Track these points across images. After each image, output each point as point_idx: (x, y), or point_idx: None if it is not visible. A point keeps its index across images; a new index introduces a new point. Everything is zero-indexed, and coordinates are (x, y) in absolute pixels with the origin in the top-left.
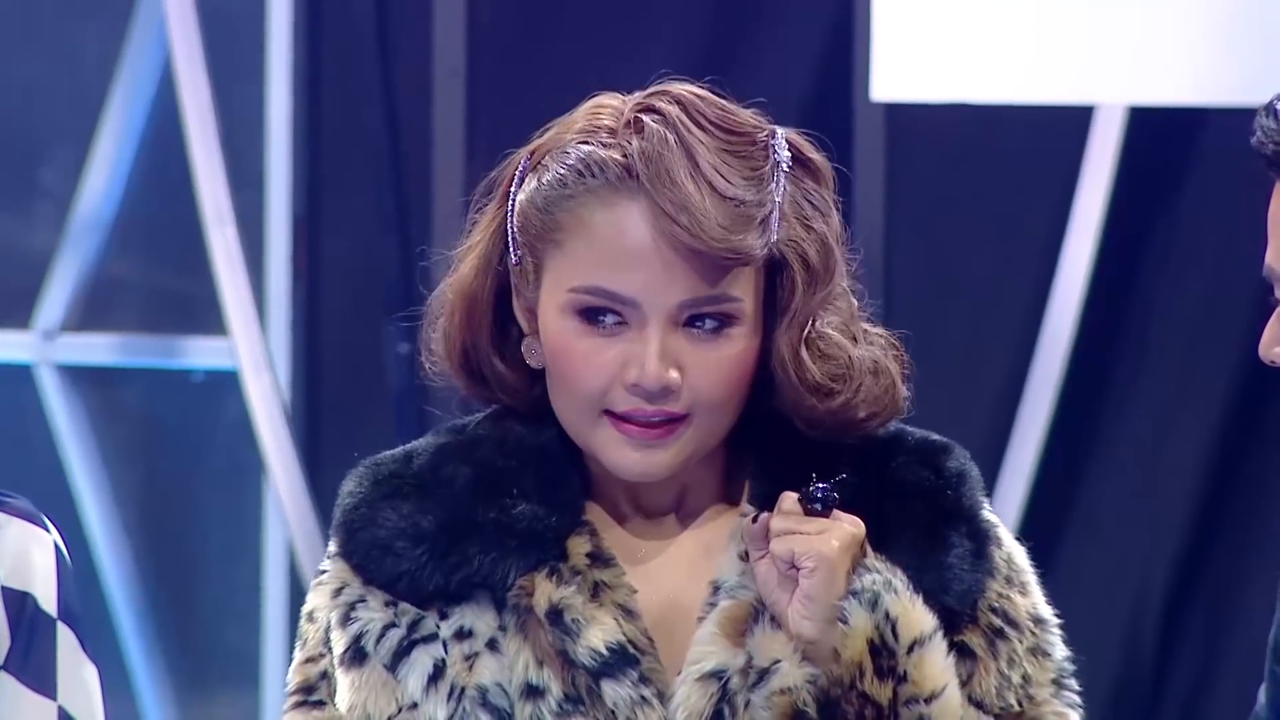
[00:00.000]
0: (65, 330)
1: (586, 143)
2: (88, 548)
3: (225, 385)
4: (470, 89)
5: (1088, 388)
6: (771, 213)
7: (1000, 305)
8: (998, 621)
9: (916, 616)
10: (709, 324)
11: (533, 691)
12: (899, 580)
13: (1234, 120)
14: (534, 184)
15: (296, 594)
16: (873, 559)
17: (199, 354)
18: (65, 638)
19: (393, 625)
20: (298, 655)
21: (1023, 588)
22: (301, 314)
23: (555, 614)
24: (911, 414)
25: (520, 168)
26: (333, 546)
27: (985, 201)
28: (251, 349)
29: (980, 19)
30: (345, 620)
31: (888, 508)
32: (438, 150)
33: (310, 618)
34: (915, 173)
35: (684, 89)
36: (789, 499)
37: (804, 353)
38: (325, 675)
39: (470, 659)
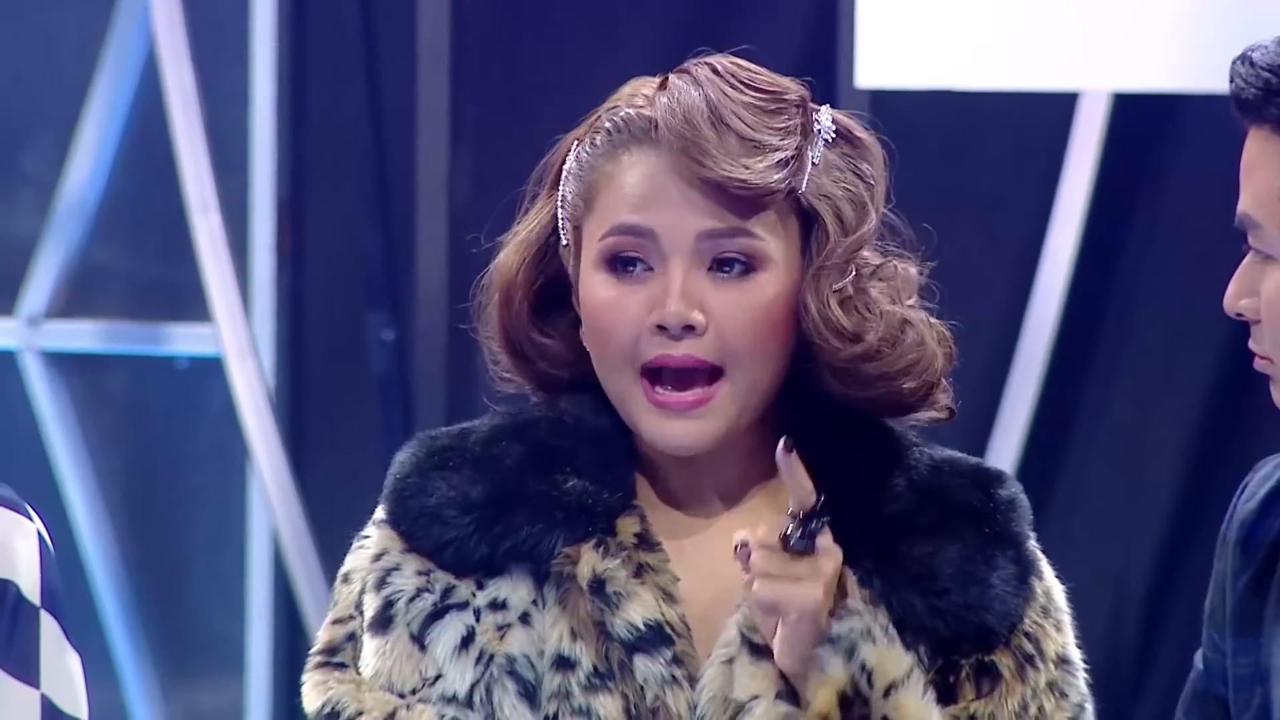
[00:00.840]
0: (49, 317)
1: (618, 108)
2: (72, 534)
3: (209, 372)
4: (454, 74)
5: (1072, 374)
6: (795, 159)
7: (985, 292)
8: (1030, 649)
9: (893, 659)
10: (736, 268)
11: (564, 663)
12: (878, 625)
13: (1218, 106)
14: (574, 164)
15: (281, 580)
16: (854, 598)
17: (183, 340)
18: (49, 626)
19: (425, 590)
20: (329, 616)
21: (1057, 624)
22: (286, 300)
23: (598, 584)
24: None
25: (567, 153)
26: (380, 513)
27: (970, 188)
28: (236, 335)
29: (965, 6)
30: (380, 584)
31: (938, 524)
32: (422, 136)
33: (345, 579)
34: (899, 159)
35: (720, 57)
36: (767, 539)
37: (831, 298)
38: (352, 637)
39: (502, 629)
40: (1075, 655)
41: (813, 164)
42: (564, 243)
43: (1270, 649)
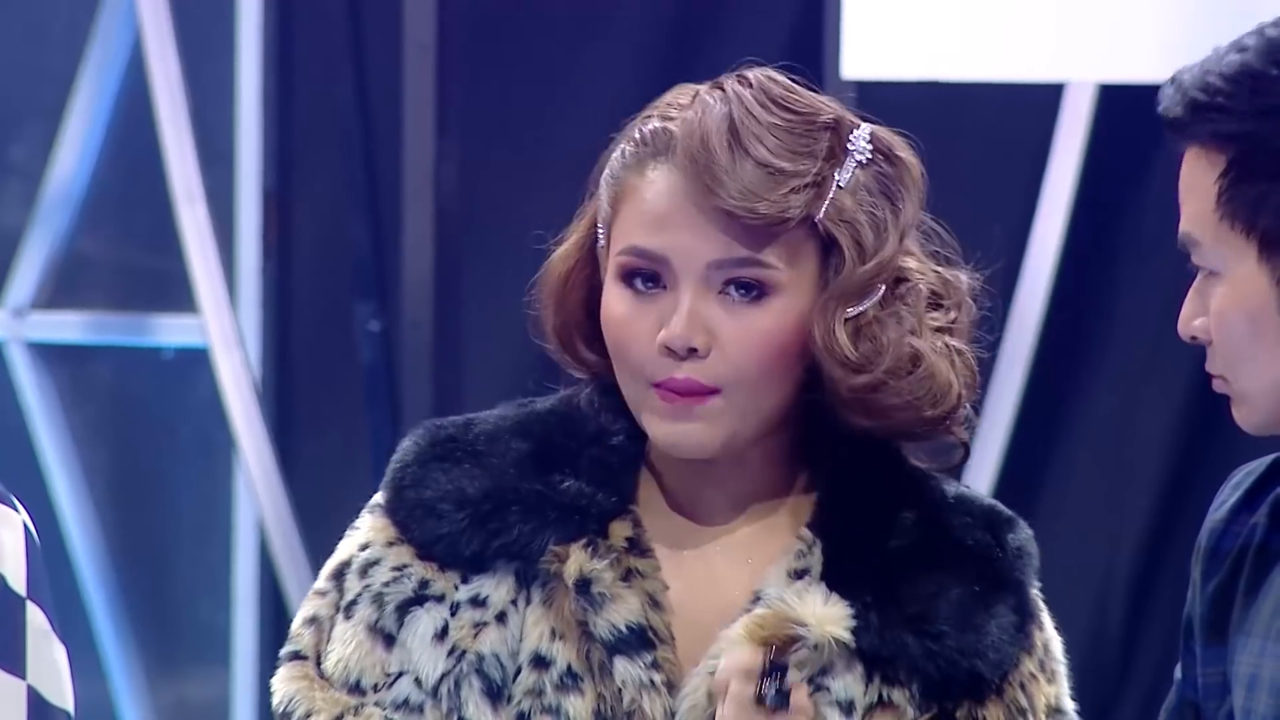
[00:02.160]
0: (35, 308)
1: (651, 117)
2: (58, 525)
3: (196, 363)
4: (440, 64)
5: (1057, 366)
6: (815, 185)
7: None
8: (1023, 701)
9: None
10: (749, 292)
11: (539, 661)
12: None
13: None
14: (610, 165)
15: (267, 571)
16: None
17: (169, 331)
18: (34, 617)
19: (397, 584)
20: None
21: (1051, 675)
22: (272, 291)
23: (584, 584)
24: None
25: (611, 155)
26: (378, 498)
27: (956, 179)
28: (222, 326)
29: None
30: (362, 573)
31: (943, 562)
32: (408, 126)
33: (337, 571)
34: None
35: (761, 72)
36: (740, 696)
37: (838, 326)
38: (314, 620)
39: (478, 626)
40: (1069, 705)
41: (838, 187)
42: (600, 243)
43: (1235, 658)
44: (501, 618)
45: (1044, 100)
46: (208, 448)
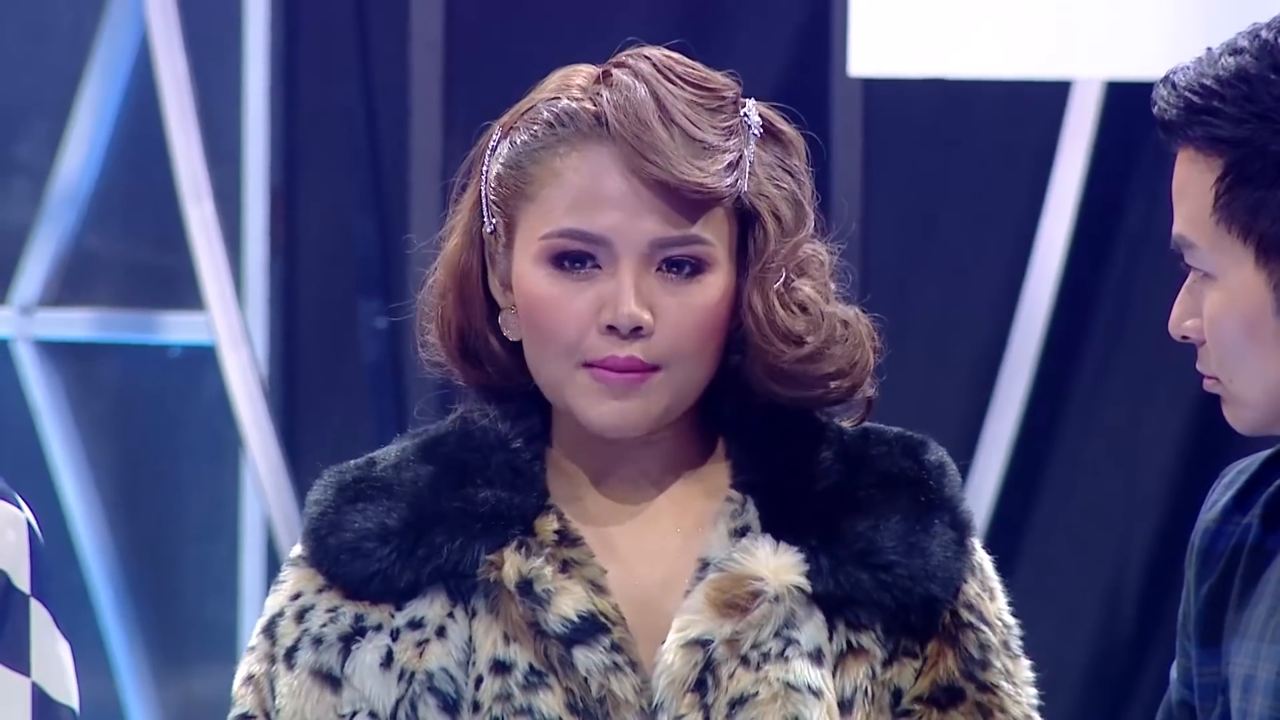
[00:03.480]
0: (42, 305)
1: (557, 99)
2: (65, 522)
3: (202, 360)
4: (447, 62)
5: (1064, 366)
6: (740, 160)
7: (977, 280)
8: (973, 619)
9: None
10: (684, 269)
11: (500, 667)
12: None
13: None
14: (506, 147)
15: (274, 567)
16: None
17: (176, 329)
18: (39, 615)
19: (332, 625)
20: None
21: (991, 592)
22: (279, 288)
23: (525, 585)
24: (885, 385)
25: (494, 139)
26: (298, 550)
27: (962, 176)
28: (229, 324)
29: None
30: (298, 619)
31: (874, 494)
32: (415, 124)
33: (267, 630)
34: (893, 148)
35: (655, 50)
36: None
37: (775, 301)
38: (250, 679)
39: (420, 645)
40: (1012, 620)
41: (749, 162)
42: (489, 228)
43: (1230, 659)
44: (441, 632)
45: (1050, 98)
46: (214, 445)
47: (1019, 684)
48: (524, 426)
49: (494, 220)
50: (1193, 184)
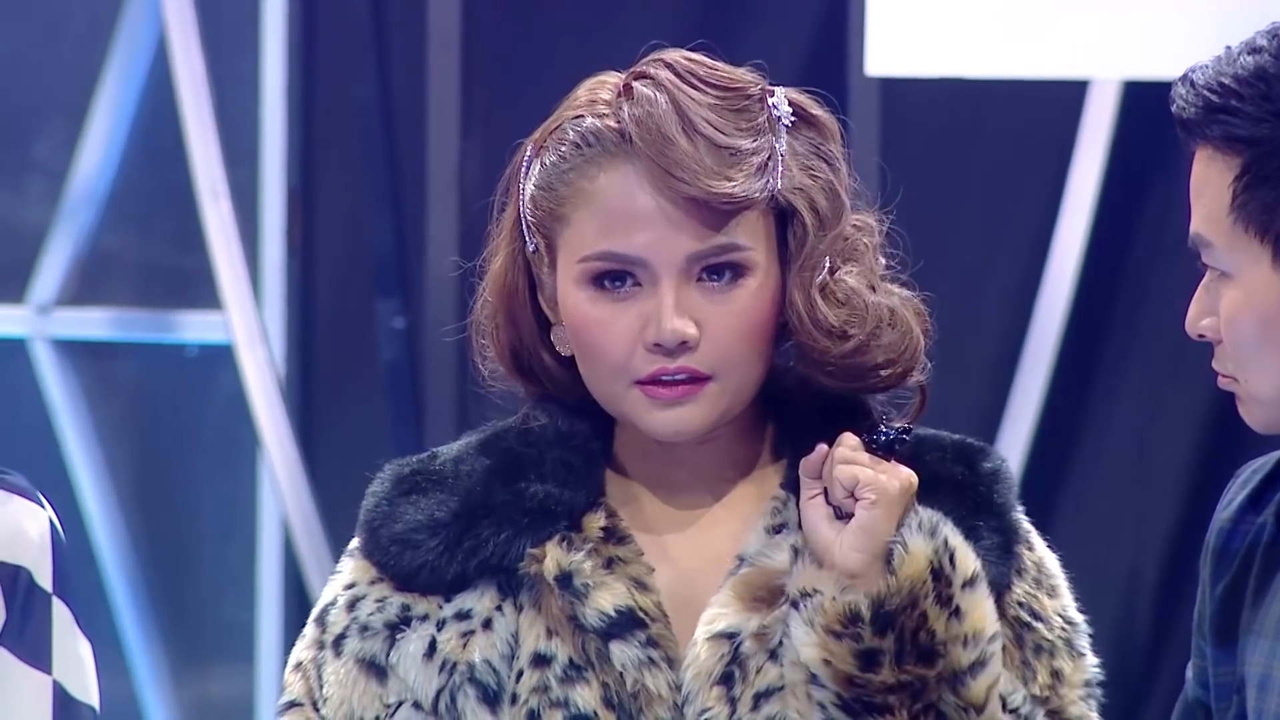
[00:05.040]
0: (60, 305)
1: (582, 117)
2: (83, 522)
3: (220, 360)
4: (465, 63)
5: (1081, 364)
6: (770, 160)
7: (994, 281)
8: (1025, 616)
9: (968, 555)
10: (724, 276)
11: (540, 660)
12: (948, 523)
13: None
14: (538, 167)
15: (291, 567)
16: (923, 509)
17: (193, 328)
18: (60, 613)
19: (380, 616)
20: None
21: (1051, 590)
22: (296, 288)
23: (565, 578)
24: (929, 373)
25: (526, 158)
26: (354, 544)
27: (979, 176)
28: (246, 323)
29: None
30: (349, 608)
31: (919, 494)
32: (432, 124)
33: (321, 613)
34: (910, 148)
35: (676, 54)
36: (851, 438)
37: (817, 296)
38: (299, 667)
39: (465, 636)
40: (1078, 617)
41: (781, 156)
42: (531, 248)
43: (1245, 659)
44: (487, 624)
45: (1068, 97)
46: (231, 444)
47: (1070, 685)
48: (586, 424)
49: (534, 241)
50: (1210, 183)
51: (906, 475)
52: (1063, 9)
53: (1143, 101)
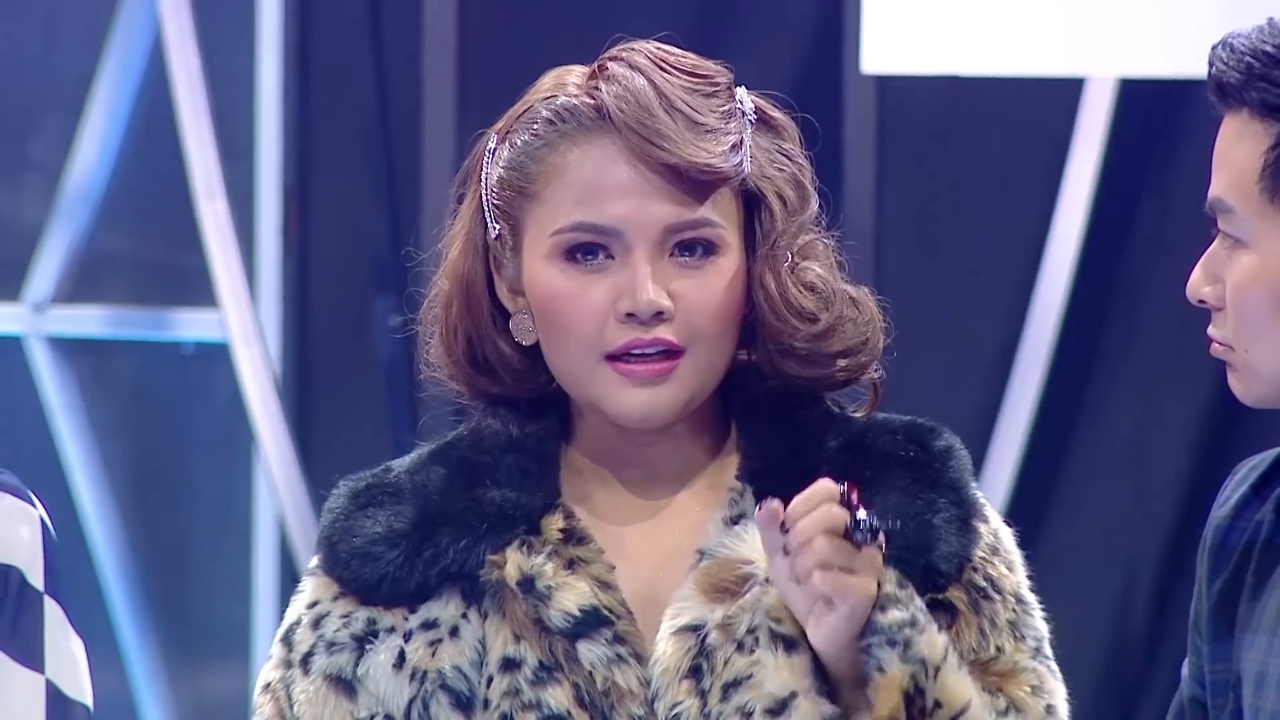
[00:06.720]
0: (55, 302)
1: (554, 97)
2: (78, 520)
3: (215, 357)
4: (461, 59)
5: (1078, 362)
6: (741, 142)
7: (990, 279)
8: (981, 583)
9: (934, 642)
10: (696, 252)
11: (509, 664)
12: (916, 608)
13: None
14: (505, 151)
15: (287, 565)
16: (891, 586)
17: (189, 326)
18: (53, 612)
19: (347, 625)
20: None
21: (1009, 565)
22: (292, 286)
23: (527, 583)
24: (898, 382)
25: (490, 144)
26: (314, 561)
27: (976, 174)
28: (242, 321)
29: None
30: (314, 625)
31: (872, 476)
32: (428, 121)
33: (285, 639)
34: (906, 145)
35: (645, 43)
36: (827, 519)
37: (787, 279)
38: (267, 688)
39: (433, 645)
40: (1030, 596)
41: (748, 145)
42: (494, 234)
43: (1241, 655)
44: (454, 632)
45: (1064, 95)
46: (228, 443)
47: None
48: (538, 427)
49: (498, 225)
50: (1241, 149)
51: (879, 565)
52: (1058, 7)
53: (1138, 99)
